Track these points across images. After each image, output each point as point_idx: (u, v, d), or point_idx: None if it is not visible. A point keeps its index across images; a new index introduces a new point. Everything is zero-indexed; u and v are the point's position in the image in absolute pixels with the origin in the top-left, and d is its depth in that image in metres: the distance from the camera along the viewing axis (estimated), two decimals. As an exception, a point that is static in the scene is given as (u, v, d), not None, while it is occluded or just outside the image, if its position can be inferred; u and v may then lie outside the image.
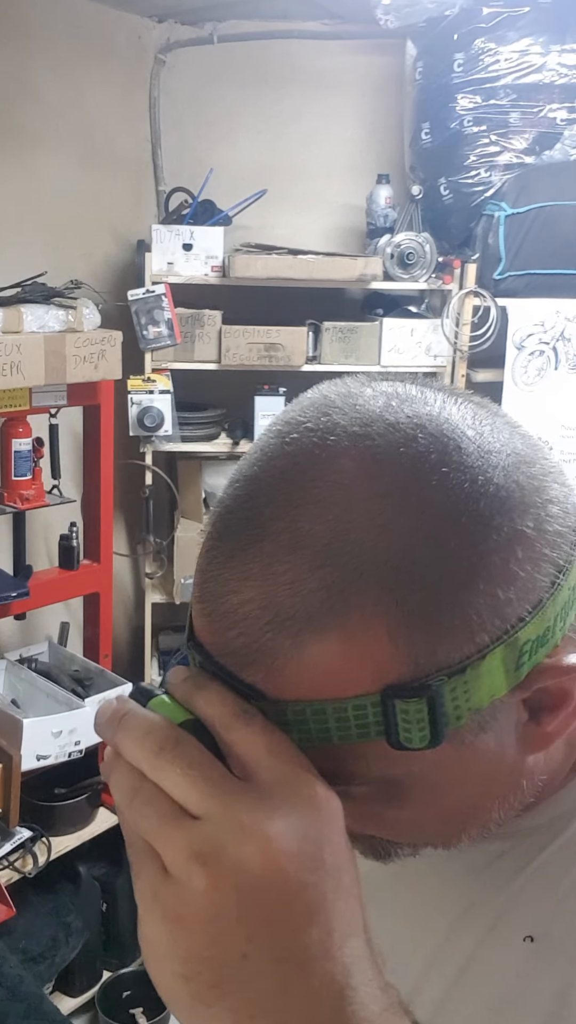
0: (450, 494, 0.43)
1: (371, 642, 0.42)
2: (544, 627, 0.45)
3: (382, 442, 0.44)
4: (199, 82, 2.72)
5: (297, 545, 0.43)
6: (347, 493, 0.43)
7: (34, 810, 2.14)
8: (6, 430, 2.12)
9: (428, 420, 0.45)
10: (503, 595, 0.43)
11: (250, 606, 0.43)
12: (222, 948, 0.39)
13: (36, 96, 2.41)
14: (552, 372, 2.51)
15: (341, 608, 0.42)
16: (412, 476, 0.43)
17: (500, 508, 0.44)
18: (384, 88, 2.74)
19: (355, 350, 2.54)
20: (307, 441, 0.45)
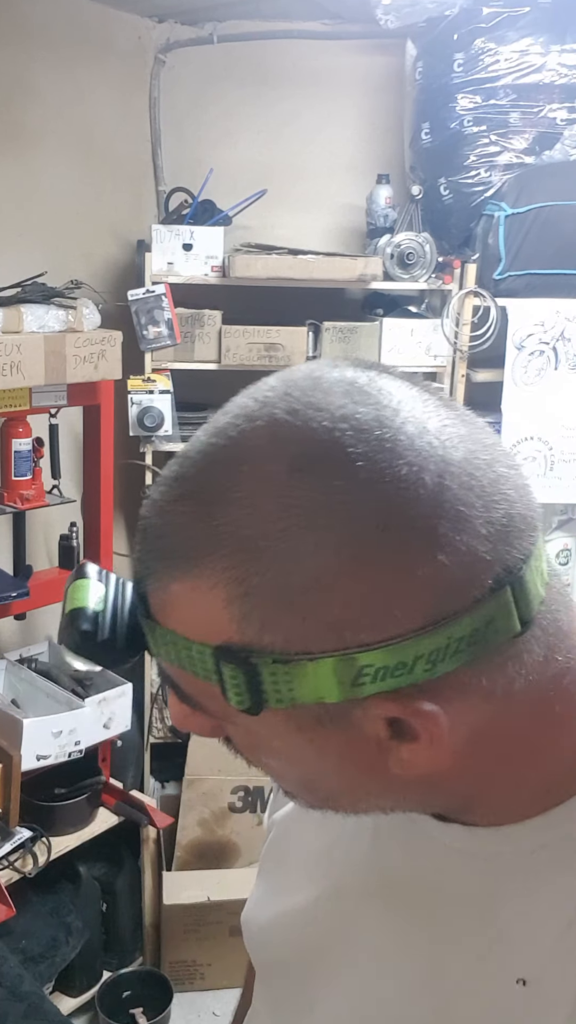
0: (330, 505, 0.44)
1: (212, 601, 0.46)
2: (397, 661, 0.45)
3: (288, 434, 0.47)
4: (199, 82, 2.72)
5: (195, 497, 0.48)
6: (251, 464, 0.47)
7: (34, 810, 2.14)
8: (6, 430, 2.12)
9: (356, 429, 0.46)
10: (350, 615, 0.45)
11: (154, 530, 0.50)
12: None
13: (36, 96, 2.41)
14: (552, 372, 2.51)
15: (198, 559, 0.47)
16: (293, 474, 0.45)
17: (373, 537, 0.44)
18: (384, 88, 2.74)
19: (355, 350, 2.54)
20: (246, 409, 0.49)
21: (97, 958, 2.35)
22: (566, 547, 2.72)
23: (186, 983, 2.43)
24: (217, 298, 2.56)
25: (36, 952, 2.12)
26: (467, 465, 0.47)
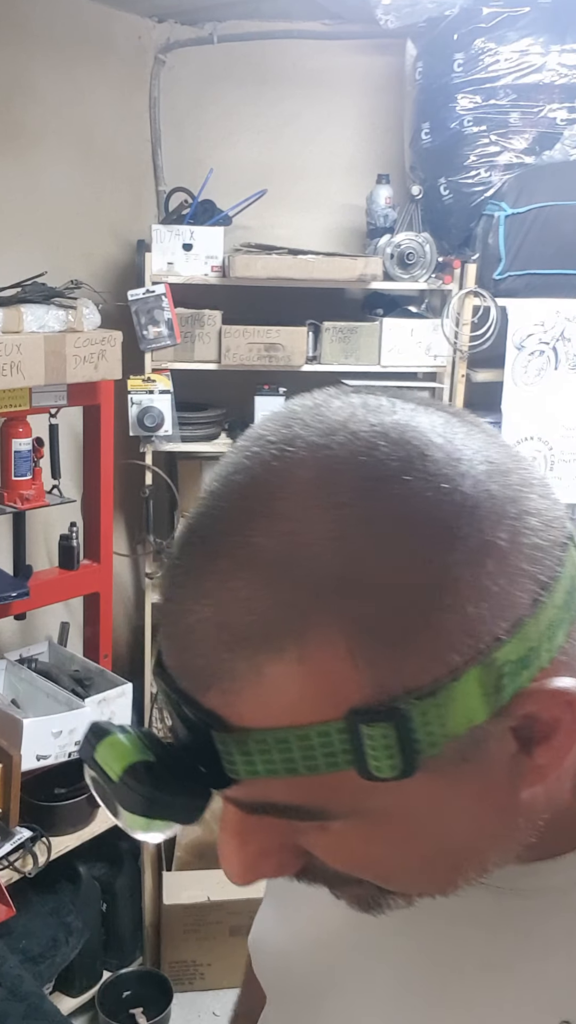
0: (411, 503, 0.40)
1: (331, 662, 0.39)
2: (527, 647, 0.41)
3: (341, 451, 0.42)
4: (199, 82, 2.72)
5: (251, 560, 0.40)
6: (302, 505, 0.41)
7: (34, 810, 2.14)
8: (6, 430, 2.12)
9: (392, 428, 0.43)
10: (474, 611, 0.40)
11: (206, 625, 0.41)
12: None
13: (36, 96, 2.41)
14: (552, 372, 2.51)
15: (297, 626, 0.39)
16: (371, 485, 0.41)
17: (468, 518, 0.41)
18: (384, 88, 2.74)
19: (355, 350, 2.54)
20: (266, 454, 0.44)
21: (97, 958, 2.35)
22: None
23: (186, 983, 2.43)
24: (217, 298, 2.56)
25: (36, 952, 2.12)
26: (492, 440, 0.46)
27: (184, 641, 0.42)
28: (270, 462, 0.43)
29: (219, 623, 0.41)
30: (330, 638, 0.39)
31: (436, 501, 0.41)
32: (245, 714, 0.41)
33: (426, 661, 0.40)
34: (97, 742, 0.44)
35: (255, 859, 0.47)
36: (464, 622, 0.40)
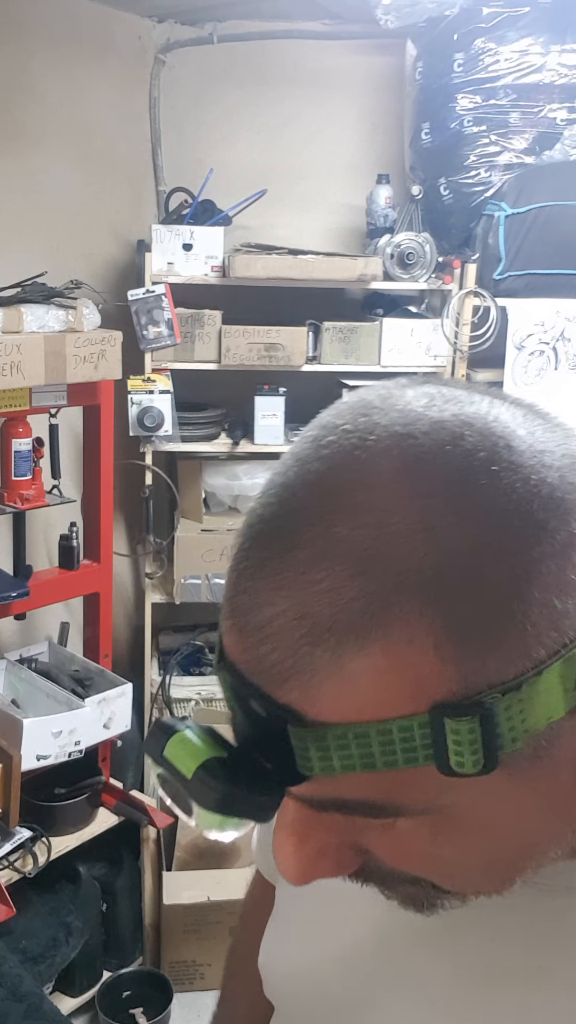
0: (500, 495, 0.40)
1: (416, 655, 0.39)
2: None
3: (426, 441, 0.41)
4: (199, 82, 2.72)
5: (334, 551, 0.40)
6: (388, 495, 0.40)
7: (34, 810, 2.14)
8: (6, 430, 2.12)
9: (476, 418, 0.42)
10: (560, 605, 0.39)
11: (284, 618, 0.40)
12: None
13: (36, 96, 2.41)
14: (552, 372, 2.51)
15: (383, 618, 0.39)
16: (459, 476, 0.40)
17: (555, 511, 0.40)
18: (384, 88, 2.74)
19: (355, 350, 2.54)
20: (345, 443, 0.42)
21: (97, 958, 2.35)
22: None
23: (186, 983, 2.43)
24: (217, 298, 2.56)
25: (36, 952, 2.12)
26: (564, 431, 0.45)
27: (259, 635, 0.41)
28: (351, 451, 0.42)
29: (299, 615, 0.40)
30: (416, 631, 0.39)
31: (524, 493, 0.40)
32: (324, 708, 0.40)
33: (512, 655, 0.39)
34: (166, 739, 0.43)
35: (314, 859, 0.46)
36: (550, 616, 0.39)
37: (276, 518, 0.42)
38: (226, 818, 0.43)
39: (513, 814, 0.43)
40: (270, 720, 0.41)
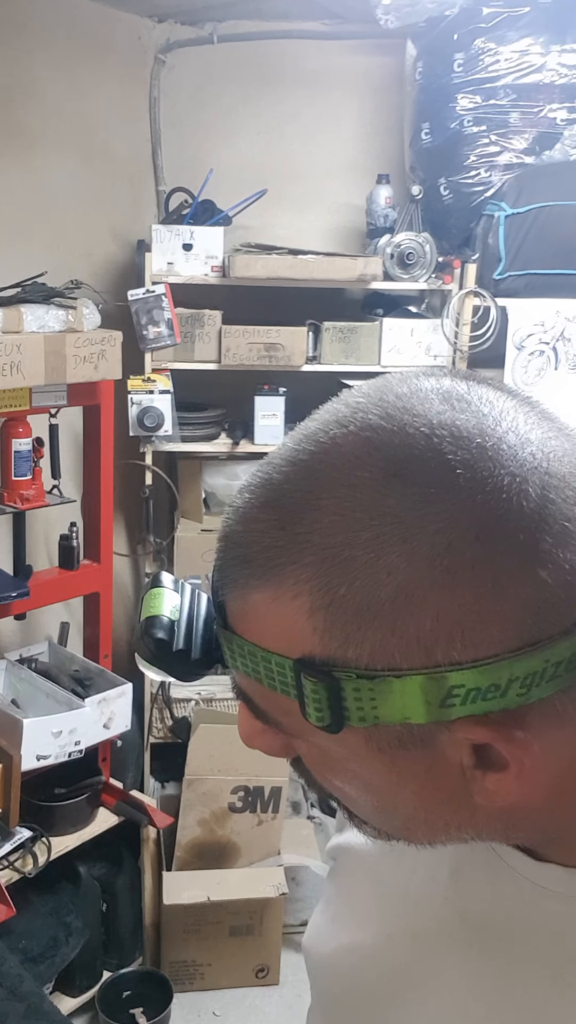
0: (426, 514, 0.42)
1: (294, 611, 0.44)
2: (489, 683, 0.42)
3: (383, 440, 0.44)
4: (199, 82, 2.72)
5: (278, 504, 0.46)
6: (342, 470, 0.44)
7: (34, 810, 2.14)
8: (6, 430, 2.12)
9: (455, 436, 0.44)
10: (432, 629, 0.42)
11: (236, 538, 0.48)
12: None
13: (36, 96, 2.41)
14: (552, 372, 2.51)
15: (282, 569, 0.45)
16: (387, 480, 0.43)
17: (477, 551, 0.42)
18: (384, 88, 2.74)
19: (355, 350, 2.54)
20: (342, 420, 0.47)
21: (97, 958, 2.35)
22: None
23: (186, 983, 2.43)
24: (217, 298, 2.56)
25: (36, 952, 2.12)
26: (572, 479, 0.44)
27: (221, 545, 0.49)
28: (337, 428, 0.46)
29: (239, 541, 0.47)
30: (301, 592, 0.44)
31: (443, 527, 0.42)
32: (235, 619, 0.48)
33: (374, 649, 0.43)
34: (151, 588, 0.54)
35: (255, 734, 0.53)
36: (420, 634, 0.42)
37: (263, 470, 0.49)
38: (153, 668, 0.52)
39: (380, 779, 0.48)
40: (217, 613, 0.51)
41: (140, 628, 0.52)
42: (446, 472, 0.42)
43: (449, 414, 0.45)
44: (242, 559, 0.47)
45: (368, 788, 0.50)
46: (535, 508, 0.42)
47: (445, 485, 0.42)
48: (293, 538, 0.44)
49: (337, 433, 0.46)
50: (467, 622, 0.42)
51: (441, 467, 0.43)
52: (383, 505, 0.43)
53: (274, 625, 0.46)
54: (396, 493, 0.43)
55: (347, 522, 0.43)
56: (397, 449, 0.44)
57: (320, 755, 0.50)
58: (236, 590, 0.48)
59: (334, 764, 0.50)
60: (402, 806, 0.50)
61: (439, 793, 0.48)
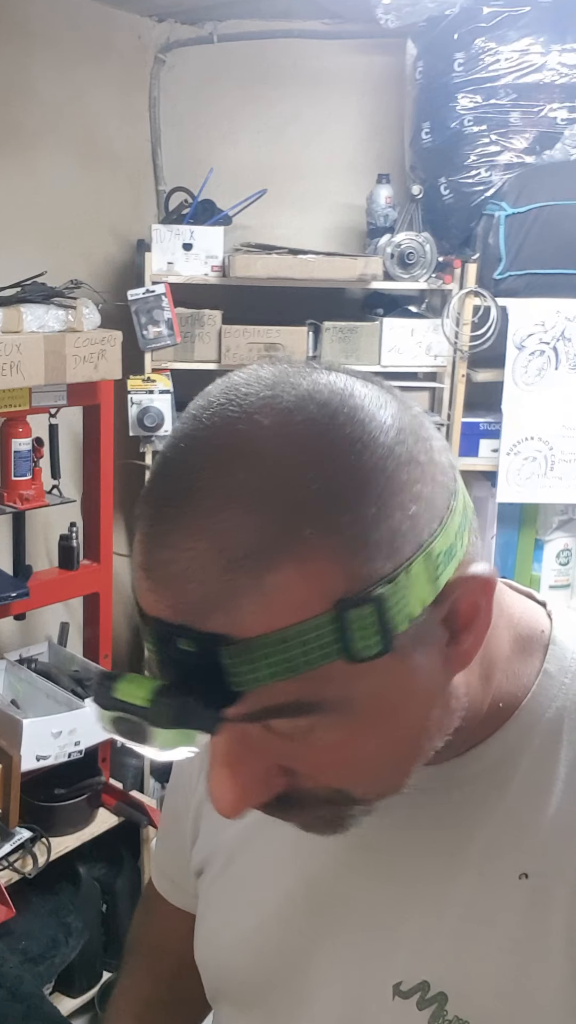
0: (356, 432, 0.50)
1: (318, 564, 0.47)
2: (449, 541, 0.51)
3: (289, 399, 0.50)
4: (199, 82, 2.72)
5: (234, 494, 0.48)
6: (271, 443, 0.49)
7: (34, 810, 2.14)
8: (6, 430, 2.12)
9: (323, 381, 0.52)
10: (414, 509, 0.50)
11: (204, 557, 0.47)
12: None
13: (36, 96, 2.41)
14: (552, 372, 2.51)
15: (287, 539, 0.47)
16: (323, 421, 0.50)
17: (397, 440, 0.51)
18: (384, 88, 2.74)
19: (355, 350, 2.54)
20: (223, 411, 0.51)
21: (97, 958, 2.35)
22: (566, 547, 2.71)
23: (186, 984, 2.42)
24: (217, 298, 2.55)
25: (36, 953, 2.12)
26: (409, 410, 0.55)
27: (182, 579, 0.48)
28: (230, 415, 0.51)
29: (216, 551, 0.47)
30: (315, 545, 0.47)
31: (372, 430, 0.50)
32: (249, 625, 0.47)
33: (388, 554, 0.49)
34: (113, 683, 0.50)
35: (247, 785, 0.53)
36: (409, 519, 0.50)
37: (177, 481, 0.50)
38: (181, 734, 0.49)
39: (404, 697, 0.52)
40: (201, 651, 0.48)
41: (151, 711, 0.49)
42: (348, 396, 0.51)
43: (296, 374, 0.53)
44: (226, 567, 0.47)
45: (391, 718, 0.53)
46: (403, 400, 0.54)
47: (357, 400, 0.51)
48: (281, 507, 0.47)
49: (244, 416, 0.50)
50: (426, 493, 0.51)
51: (343, 394, 0.51)
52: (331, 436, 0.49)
53: (301, 592, 0.47)
54: (334, 424, 0.50)
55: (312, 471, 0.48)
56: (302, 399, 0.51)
57: (346, 728, 0.51)
58: (235, 597, 0.47)
59: (357, 724, 0.51)
60: (415, 718, 0.54)
61: (435, 688, 0.54)
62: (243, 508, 0.47)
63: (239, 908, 0.72)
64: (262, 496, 0.47)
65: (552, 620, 0.66)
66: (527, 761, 0.61)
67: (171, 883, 0.88)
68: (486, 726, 0.62)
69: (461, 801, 0.62)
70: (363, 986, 0.64)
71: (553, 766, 0.61)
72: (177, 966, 0.85)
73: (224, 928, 0.73)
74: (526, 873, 0.59)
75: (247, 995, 0.72)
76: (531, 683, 0.62)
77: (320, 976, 0.66)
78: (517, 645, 0.64)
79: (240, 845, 0.73)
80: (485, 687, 0.61)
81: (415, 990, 0.61)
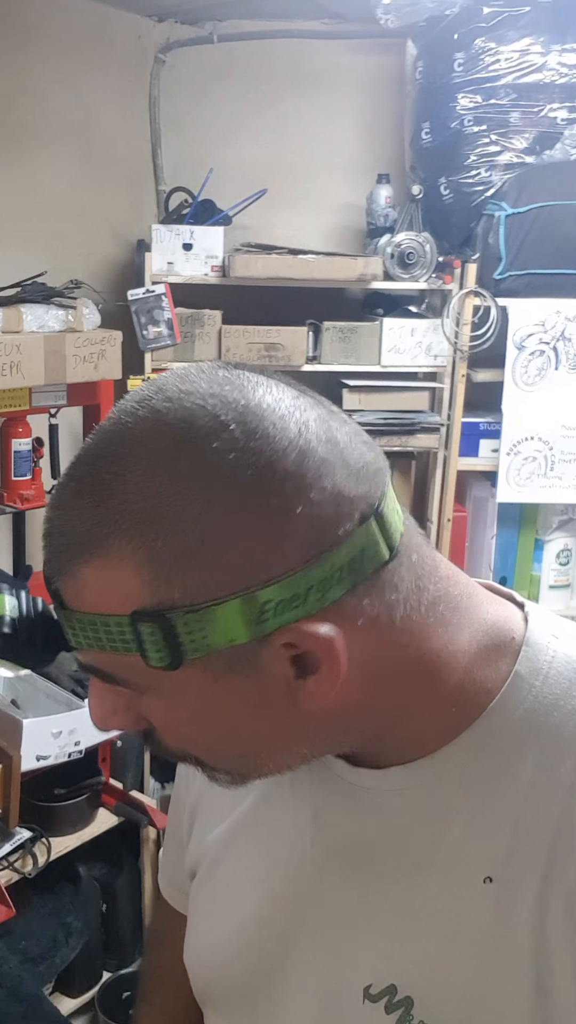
0: (214, 460, 0.51)
1: (124, 572, 0.52)
2: (291, 593, 0.52)
3: (168, 416, 0.53)
4: (199, 82, 2.72)
5: (91, 488, 0.53)
6: (130, 452, 0.53)
7: (34, 810, 2.14)
8: (6, 430, 2.12)
9: (223, 393, 0.54)
10: (239, 557, 0.51)
11: (57, 531, 0.55)
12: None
13: (36, 96, 2.41)
14: (552, 372, 2.51)
15: (105, 540, 0.52)
16: (183, 438, 0.52)
17: (253, 487, 0.51)
18: (384, 88, 2.74)
19: (355, 350, 2.54)
20: (125, 405, 0.56)
21: (97, 958, 2.35)
22: (566, 547, 2.71)
23: (186, 984, 2.42)
24: (217, 298, 2.55)
25: (36, 953, 2.12)
26: (322, 424, 0.55)
27: (46, 539, 0.56)
28: (121, 417, 0.55)
29: (64, 530, 0.54)
30: (126, 554, 0.52)
31: (232, 466, 0.51)
32: (71, 598, 0.55)
33: (195, 586, 0.51)
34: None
35: (108, 712, 0.60)
36: (229, 564, 0.51)
37: (76, 463, 0.56)
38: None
39: (220, 710, 0.55)
40: (54, 601, 0.57)
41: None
42: (221, 430, 0.52)
43: (216, 388, 0.54)
44: (68, 544, 0.54)
45: (213, 725, 0.57)
46: (298, 446, 0.53)
47: (222, 440, 0.51)
48: (108, 512, 0.52)
49: (129, 421, 0.54)
50: (263, 547, 0.51)
51: (215, 427, 0.52)
52: (177, 467, 0.51)
53: (107, 590, 0.53)
54: (185, 455, 0.51)
55: (152, 487, 0.51)
56: (179, 421, 0.52)
57: (166, 707, 0.57)
58: (68, 572, 0.54)
59: (178, 710, 0.56)
60: (245, 733, 0.57)
61: (272, 710, 0.56)
62: (87, 503, 0.53)
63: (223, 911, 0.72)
64: (103, 496, 0.52)
65: (528, 623, 0.65)
66: (493, 762, 0.61)
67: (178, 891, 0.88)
68: (447, 729, 0.61)
69: (428, 803, 0.62)
70: (336, 989, 0.64)
71: (519, 768, 0.60)
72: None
73: (209, 931, 0.73)
74: (491, 877, 0.59)
75: (230, 998, 0.72)
76: (499, 687, 0.62)
77: (297, 979, 0.66)
78: (482, 651, 0.62)
79: (224, 847, 0.73)
80: (429, 693, 0.60)
81: (383, 993, 0.61)
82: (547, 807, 0.59)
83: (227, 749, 0.59)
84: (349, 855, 0.65)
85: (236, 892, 0.71)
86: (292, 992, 0.66)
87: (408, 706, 0.60)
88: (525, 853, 0.59)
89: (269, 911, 0.68)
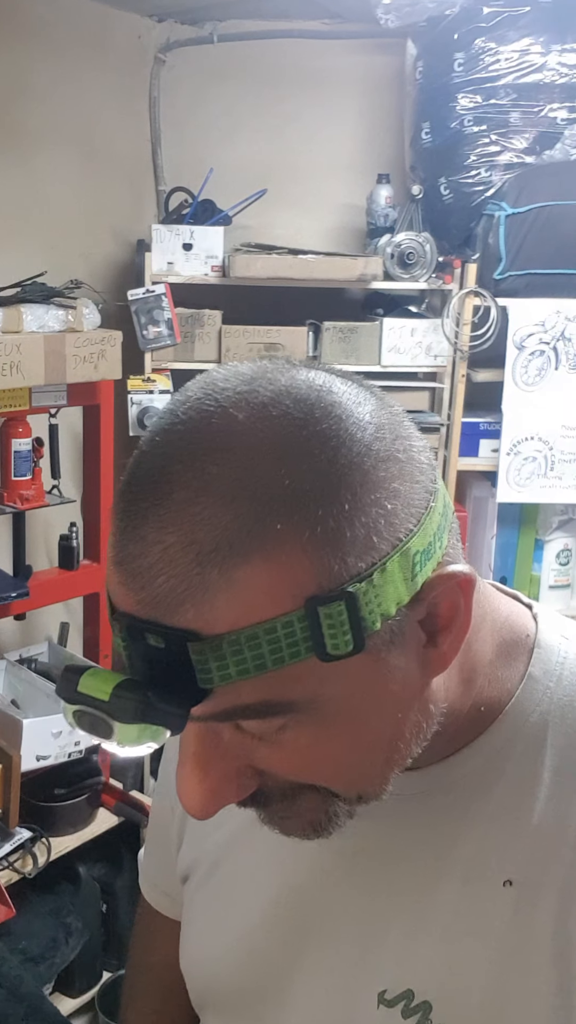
0: (332, 427, 0.49)
1: (289, 559, 0.46)
2: (427, 541, 0.51)
3: (266, 393, 0.50)
4: (199, 82, 2.72)
5: (207, 487, 0.47)
6: (245, 437, 0.48)
7: (34, 810, 2.14)
8: (6, 430, 2.12)
9: (302, 377, 0.52)
10: (391, 507, 0.49)
11: (173, 550, 0.46)
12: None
13: (36, 96, 2.41)
14: (552, 372, 2.51)
15: (258, 533, 0.46)
16: (299, 416, 0.49)
17: (376, 437, 0.50)
18: (384, 88, 2.74)
19: (355, 350, 2.54)
20: (200, 406, 0.50)
21: (97, 958, 2.35)
22: (566, 547, 2.71)
23: (186, 983, 2.42)
24: (217, 298, 2.55)
25: (36, 953, 2.12)
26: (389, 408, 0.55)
27: (152, 572, 0.47)
28: (206, 410, 0.50)
29: (186, 544, 0.46)
30: (286, 541, 0.46)
31: (350, 426, 0.49)
32: (218, 621, 0.46)
33: (363, 551, 0.48)
34: (79, 677, 0.49)
35: (217, 786, 0.52)
36: (385, 517, 0.49)
37: (150, 475, 0.49)
38: (143, 729, 0.47)
39: (378, 699, 0.51)
40: (169, 647, 0.47)
41: (113, 704, 0.48)
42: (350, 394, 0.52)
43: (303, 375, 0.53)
44: (201, 555, 0.46)
45: (363, 728, 0.52)
46: (387, 400, 0.54)
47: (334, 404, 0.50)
48: (252, 501, 0.46)
49: (219, 411, 0.50)
50: (404, 498, 0.50)
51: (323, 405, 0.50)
52: (305, 441, 0.48)
53: (271, 588, 0.46)
54: (311, 428, 0.49)
55: (288, 465, 0.47)
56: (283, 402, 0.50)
57: (313, 728, 0.50)
58: (205, 591, 0.46)
59: (328, 724, 0.51)
60: (389, 721, 0.53)
61: (411, 691, 0.53)
62: (214, 502, 0.46)
63: (224, 916, 0.71)
64: (234, 490, 0.46)
65: (538, 623, 0.65)
66: (511, 766, 0.60)
67: (164, 895, 0.86)
68: (469, 730, 0.61)
69: (445, 807, 0.61)
70: (348, 995, 0.63)
71: (537, 771, 0.60)
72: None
73: (209, 936, 0.72)
74: (510, 880, 0.59)
75: (233, 1004, 0.71)
76: (515, 687, 0.62)
77: (305, 985, 0.65)
78: (501, 649, 0.63)
79: (225, 852, 0.72)
80: (466, 691, 0.60)
81: (400, 998, 0.61)
82: (567, 809, 0.59)
83: (370, 755, 0.54)
84: (361, 860, 0.64)
85: (239, 897, 0.70)
86: (300, 998, 0.66)
87: (455, 699, 0.59)
88: (545, 856, 0.58)
89: (276, 917, 0.67)
